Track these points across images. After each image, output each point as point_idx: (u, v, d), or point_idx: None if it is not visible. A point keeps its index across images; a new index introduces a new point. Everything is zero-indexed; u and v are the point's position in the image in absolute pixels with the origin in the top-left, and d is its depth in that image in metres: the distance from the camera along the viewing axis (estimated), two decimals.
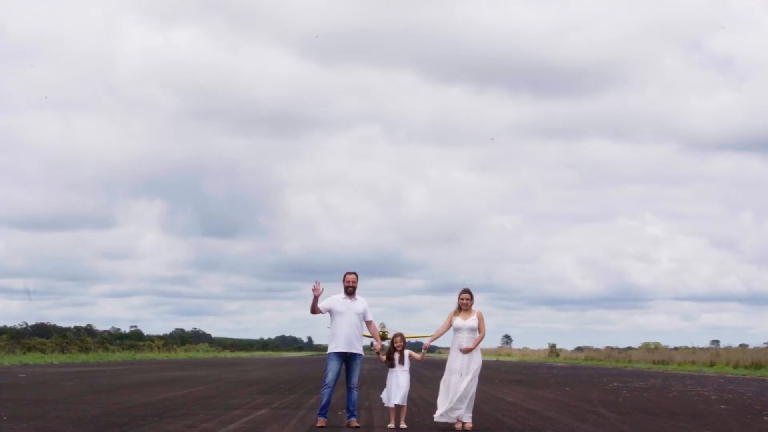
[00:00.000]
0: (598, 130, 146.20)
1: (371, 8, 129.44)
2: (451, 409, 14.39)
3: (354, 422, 14.88)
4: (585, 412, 17.99)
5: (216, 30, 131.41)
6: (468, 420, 14.40)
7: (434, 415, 14.69)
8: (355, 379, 15.04)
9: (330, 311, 15.02)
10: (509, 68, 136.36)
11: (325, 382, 14.90)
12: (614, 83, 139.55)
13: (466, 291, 14.78)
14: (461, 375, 14.41)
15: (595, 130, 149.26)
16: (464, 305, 14.67)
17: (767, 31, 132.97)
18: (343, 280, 15.14)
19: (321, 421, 14.84)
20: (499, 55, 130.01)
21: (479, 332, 14.58)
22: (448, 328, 14.75)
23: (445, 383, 14.62)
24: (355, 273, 15.14)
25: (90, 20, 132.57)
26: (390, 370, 14.96)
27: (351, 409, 15.01)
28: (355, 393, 15.01)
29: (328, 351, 15.07)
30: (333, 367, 14.94)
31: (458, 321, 14.60)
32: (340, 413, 17.48)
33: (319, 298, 14.92)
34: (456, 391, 14.34)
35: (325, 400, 14.90)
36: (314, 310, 14.98)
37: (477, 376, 14.51)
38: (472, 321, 14.58)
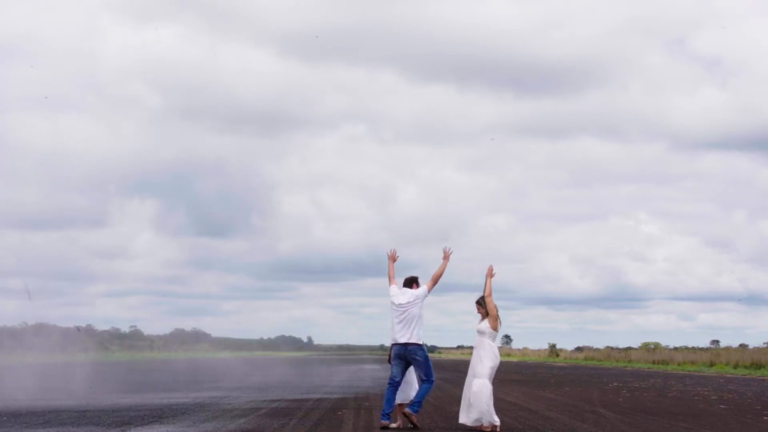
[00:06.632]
0: (584, 129, 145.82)
1: (354, 6, 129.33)
2: (468, 413, 14.11)
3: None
4: (585, 412, 17.98)
5: (199, 29, 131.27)
6: (487, 423, 14.03)
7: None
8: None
9: None
10: (491, 66, 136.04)
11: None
12: (598, 81, 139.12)
13: (476, 301, 14.52)
14: (473, 377, 14.18)
15: (581, 129, 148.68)
16: (480, 313, 14.55)
17: (753, 28, 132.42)
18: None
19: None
20: (481, 52, 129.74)
21: (489, 329, 14.27)
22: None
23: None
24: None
25: (75, 19, 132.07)
26: None
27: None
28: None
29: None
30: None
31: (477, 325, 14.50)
32: (340, 413, 17.48)
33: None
34: (468, 394, 14.14)
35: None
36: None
37: (486, 377, 14.08)
38: (481, 324, 14.39)
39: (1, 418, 16.55)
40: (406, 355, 14.17)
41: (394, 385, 14.25)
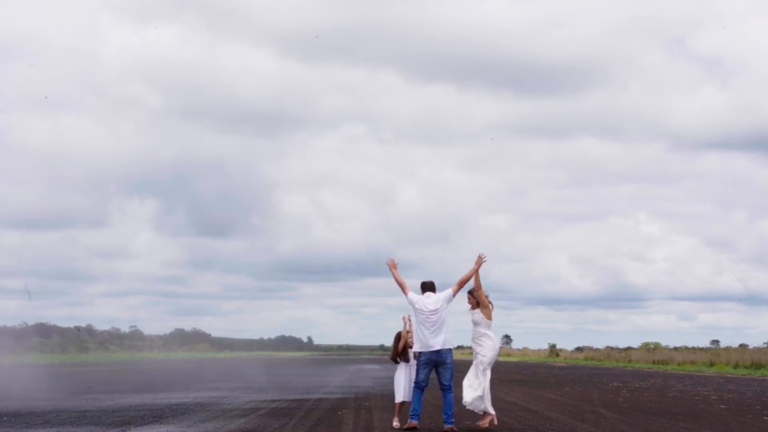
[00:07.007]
0: (584, 129, 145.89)
1: (354, 6, 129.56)
2: (467, 395, 14.37)
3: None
4: (585, 412, 17.98)
5: (199, 29, 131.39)
6: (482, 411, 14.26)
7: None
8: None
9: None
10: (491, 66, 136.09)
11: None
12: (598, 81, 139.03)
13: (468, 291, 14.80)
14: (474, 366, 14.53)
15: (581, 129, 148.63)
16: (470, 303, 14.76)
17: (753, 28, 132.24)
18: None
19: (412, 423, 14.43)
20: (481, 52, 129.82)
21: (483, 319, 14.50)
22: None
23: None
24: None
25: (73, 19, 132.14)
26: (402, 365, 14.69)
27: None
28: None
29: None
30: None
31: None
32: (340, 413, 17.47)
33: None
34: (468, 382, 14.43)
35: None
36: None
37: (485, 365, 14.35)
38: (475, 315, 14.66)
39: (1, 419, 16.55)
40: (436, 361, 14.18)
41: (422, 389, 14.38)
